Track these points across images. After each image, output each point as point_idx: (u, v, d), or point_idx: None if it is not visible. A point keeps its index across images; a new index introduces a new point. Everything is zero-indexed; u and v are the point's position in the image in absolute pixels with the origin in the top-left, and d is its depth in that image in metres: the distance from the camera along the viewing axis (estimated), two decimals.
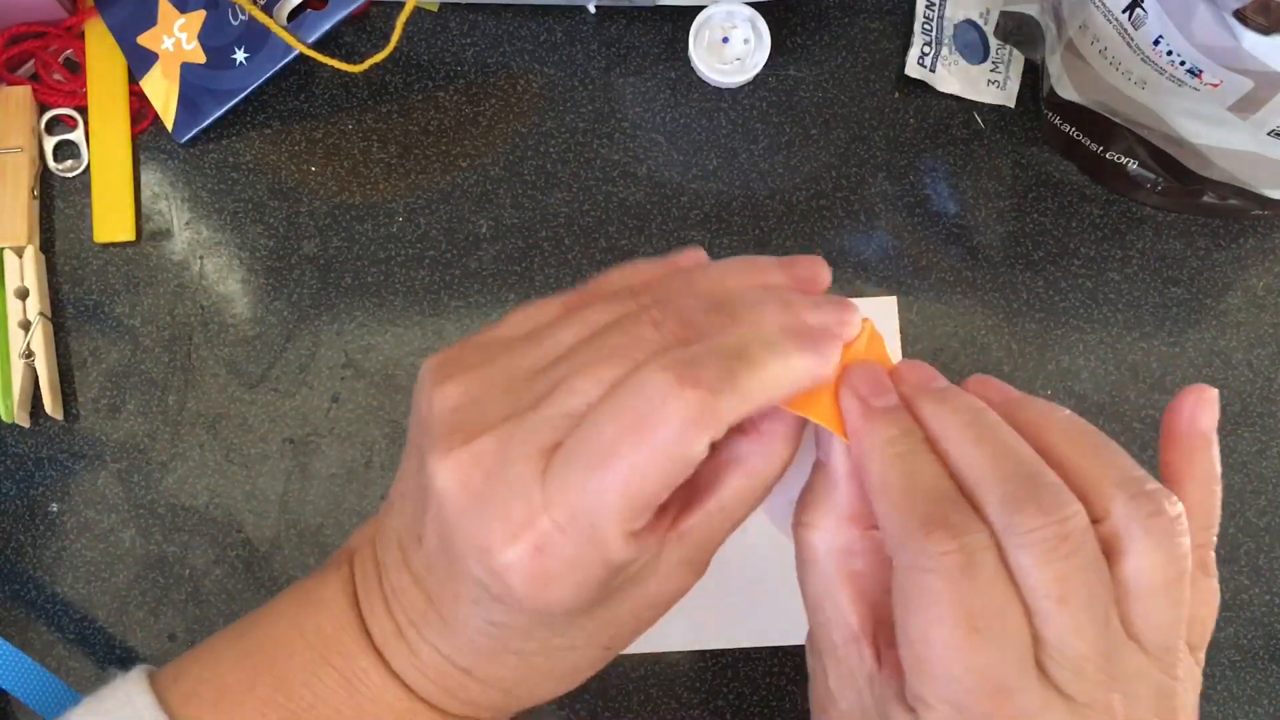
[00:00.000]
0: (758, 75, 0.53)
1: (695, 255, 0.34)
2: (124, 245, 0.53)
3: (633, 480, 0.26)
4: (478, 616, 0.30)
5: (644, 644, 0.48)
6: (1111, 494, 0.27)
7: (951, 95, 0.54)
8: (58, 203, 0.53)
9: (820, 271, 0.32)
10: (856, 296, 0.52)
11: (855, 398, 0.29)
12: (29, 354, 0.50)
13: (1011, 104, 0.54)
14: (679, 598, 0.31)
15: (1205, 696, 0.50)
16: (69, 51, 0.54)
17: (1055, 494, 0.27)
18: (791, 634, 0.49)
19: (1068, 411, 0.30)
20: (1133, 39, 0.45)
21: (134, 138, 0.53)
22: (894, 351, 0.52)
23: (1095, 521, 0.27)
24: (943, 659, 0.26)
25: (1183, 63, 0.43)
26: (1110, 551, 0.27)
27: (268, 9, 0.51)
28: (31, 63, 0.54)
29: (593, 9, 0.55)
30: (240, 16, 0.51)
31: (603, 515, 0.27)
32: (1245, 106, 0.44)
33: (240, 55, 0.52)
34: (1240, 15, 0.40)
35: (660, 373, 0.26)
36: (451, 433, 0.28)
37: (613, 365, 0.28)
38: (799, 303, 0.30)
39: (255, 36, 0.51)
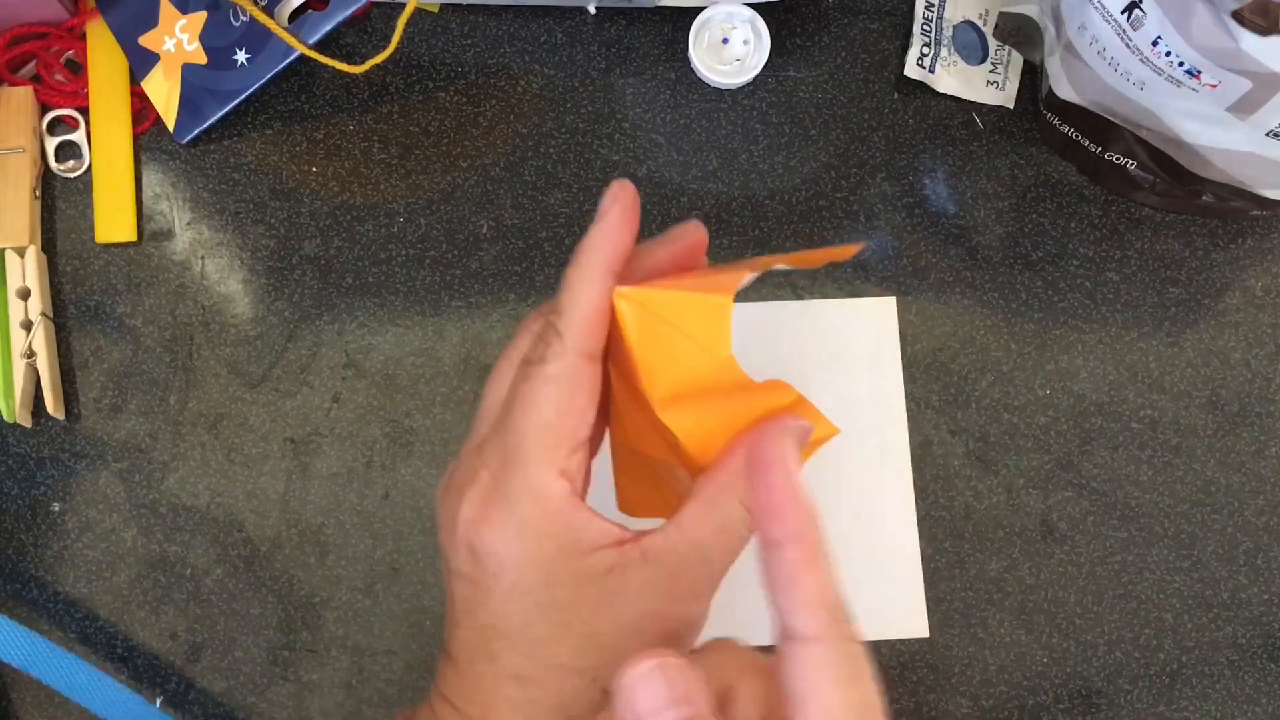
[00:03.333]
0: (757, 76, 0.53)
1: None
2: (125, 245, 0.53)
3: (531, 410, 0.31)
4: (467, 625, 0.32)
5: None
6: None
7: (950, 96, 0.54)
8: (59, 203, 0.53)
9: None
10: (856, 297, 0.52)
11: None
12: (31, 354, 0.50)
13: (1010, 105, 0.54)
14: (659, 627, 0.31)
15: (1204, 695, 0.50)
16: (70, 52, 0.54)
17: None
18: None
19: None
20: (1131, 40, 0.45)
21: (135, 138, 0.53)
22: (894, 353, 0.52)
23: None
24: None
25: (1181, 63, 0.43)
26: None
27: (269, 10, 0.51)
28: (33, 63, 0.54)
29: (593, 10, 0.55)
30: (241, 17, 0.52)
31: (522, 445, 0.31)
32: (1244, 107, 0.44)
33: (241, 56, 0.52)
34: (1238, 16, 0.40)
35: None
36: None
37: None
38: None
39: (256, 37, 0.51)
